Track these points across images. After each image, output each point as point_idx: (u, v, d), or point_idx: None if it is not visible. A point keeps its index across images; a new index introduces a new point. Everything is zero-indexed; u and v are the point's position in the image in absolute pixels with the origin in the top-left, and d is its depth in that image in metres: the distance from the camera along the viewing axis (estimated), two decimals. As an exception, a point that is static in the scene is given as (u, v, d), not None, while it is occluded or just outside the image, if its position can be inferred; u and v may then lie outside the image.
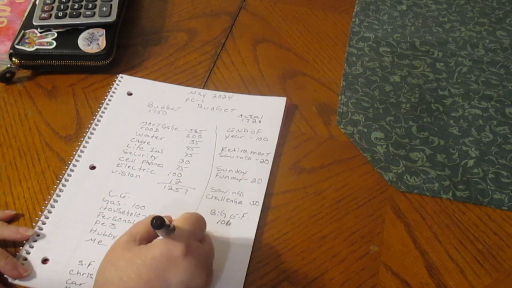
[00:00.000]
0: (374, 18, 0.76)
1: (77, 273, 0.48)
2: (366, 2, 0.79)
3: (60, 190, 0.54)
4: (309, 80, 0.67)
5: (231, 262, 0.49)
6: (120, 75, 0.66)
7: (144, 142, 0.59)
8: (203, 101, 0.64)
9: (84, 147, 0.58)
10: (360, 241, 0.51)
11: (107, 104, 0.63)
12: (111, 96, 0.64)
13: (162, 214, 0.45)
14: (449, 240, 0.51)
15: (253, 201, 0.54)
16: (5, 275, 0.47)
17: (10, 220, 0.52)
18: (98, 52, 0.64)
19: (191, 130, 0.60)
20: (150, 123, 0.61)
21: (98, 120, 0.61)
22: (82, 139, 0.59)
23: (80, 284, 0.47)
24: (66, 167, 0.56)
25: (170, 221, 0.44)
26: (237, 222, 0.52)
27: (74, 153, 0.57)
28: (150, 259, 0.39)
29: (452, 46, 0.71)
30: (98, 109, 0.62)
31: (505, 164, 0.58)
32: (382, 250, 0.51)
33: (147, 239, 0.42)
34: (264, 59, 0.70)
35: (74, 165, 0.56)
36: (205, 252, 0.43)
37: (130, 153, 0.58)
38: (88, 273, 0.47)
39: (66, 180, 0.55)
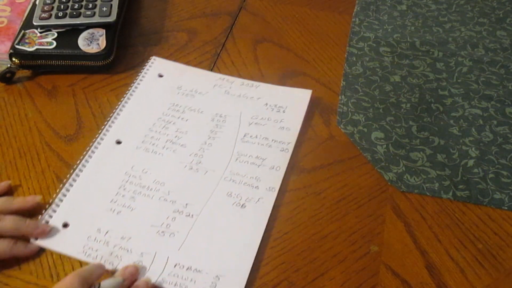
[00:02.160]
0: (374, 18, 0.76)
1: (94, 240, 0.50)
2: (366, 2, 0.79)
3: (86, 161, 0.56)
4: (309, 80, 0.67)
5: (243, 244, 0.50)
6: (153, 57, 0.68)
7: (170, 122, 0.61)
8: (230, 87, 0.65)
9: (112, 122, 0.60)
10: (360, 241, 0.51)
11: (138, 83, 0.65)
12: (143, 76, 0.66)
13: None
14: (449, 240, 0.51)
15: (269, 187, 0.55)
16: (29, 236, 0.49)
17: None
18: (98, 52, 0.64)
19: (216, 114, 0.62)
20: (177, 104, 0.63)
21: (128, 98, 0.63)
22: (111, 115, 0.61)
23: (96, 250, 0.49)
24: (94, 140, 0.58)
25: (101, 274, 0.46)
26: (252, 206, 0.53)
27: (103, 127, 0.60)
28: None
29: (452, 46, 0.71)
30: (130, 87, 0.64)
31: (505, 164, 0.58)
32: (382, 250, 0.51)
33: None
34: (264, 59, 0.70)
35: (102, 139, 0.59)
36: None
37: (155, 131, 0.60)
38: (105, 241, 0.50)
39: (93, 152, 0.57)
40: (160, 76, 0.66)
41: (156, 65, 0.67)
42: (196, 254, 0.49)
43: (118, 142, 0.59)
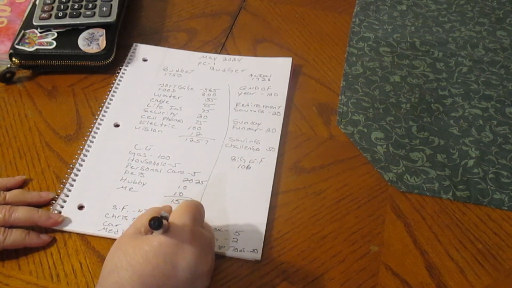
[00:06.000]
0: (374, 18, 0.76)
1: (112, 216, 0.52)
2: (366, 2, 0.79)
3: (89, 146, 0.58)
4: (309, 80, 0.67)
5: (255, 201, 0.54)
6: (135, 43, 0.70)
7: (163, 102, 0.63)
8: (214, 64, 0.68)
9: (107, 107, 0.62)
10: (360, 241, 0.51)
11: (125, 69, 0.67)
12: (128, 62, 0.68)
13: (163, 204, 0.47)
14: (449, 240, 0.52)
15: (269, 147, 0.58)
16: (42, 226, 0.50)
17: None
18: (98, 52, 0.64)
19: (205, 89, 0.65)
20: (166, 84, 0.65)
21: (118, 84, 0.65)
22: (104, 100, 0.63)
23: (117, 225, 0.51)
24: (92, 125, 0.60)
25: (170, 211, 0.45)
26: (256, 166, 0.57)
27: (99, 113, 0.61)
28: (158, 245, 0.40)
29: (452, 46, 0.71)
30: (117, 74, 0.66)
31: (505, 164, 0.58)
32: (382, 250, 0.51)
33: (152, 231, 0.43)
34: (264, 59, 0.70)
35: (100, 124, 0.60)
36: (208, 238, 0.45)
37: (150, 111, 0.62)
38: (123, 216, 0.52)
39: (93, 136, 0.59)
40: (145, 60, 0.69)
41: (139, 50, 0.70)
42: (212, 215, 0.50)
43: (116, 125, 0.61)
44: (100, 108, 0.62)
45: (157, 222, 0.39)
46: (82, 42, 0.65)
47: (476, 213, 0.54)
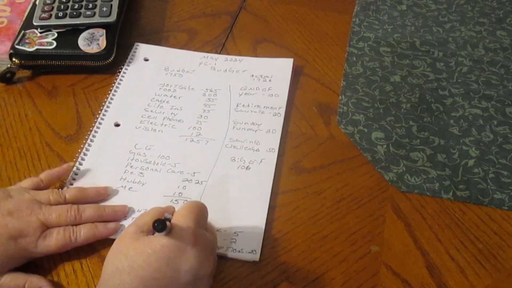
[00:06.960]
0: (374, 18, 0.76)
1: None
2: (366, 2, 0.79)
3: (89, 145, 0.58)
4: (309, 80, 0.67)
5: (254, 202, 0.54)
6: (136, 43, 0.70)
7: (163, 101, 0.63)
8: (215, 64, 0.68)
9: (107, 107, 0.62)
10: (361, 241, 0.51)
11: (126, 69, 0.67)
12: (129, 62, 0.68)
13: (162, 205, 0.47)
14: (449, 240, 0.52)
15: (269, 148, 0.58)
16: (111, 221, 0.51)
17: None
18: (98, 52, 0.64)
19: (206, 89, 0.65)
20: (167, 84, 0.65)
21: (119, 83, 0.65)
22: (105, 99, 0.63)
23: None
24: (93, 124, 0.60)
25: (173, 212, 0.45)
26: (256, 167, 0.57)
27: (99, 112, 0.61)
28: (160, 248, 0.40)
29: (452, 46, 0.71)
30: (118, 74, 0.66)
31: (506, 164, 0.58)
32: (382, 250, 0.51)
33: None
34: (264, 59, 0.70)
35: (100, 123, 0.60)
36: (210, 240, 0.45)
37: (151, 111, 0.62)
38: None
39: (94, 136, 0.59)
40: (146, 60, 0.69)
41: (140, 50, 0.70)
42: (211, 216, 0.50)
43: (117, 125, 0.61)
44: (101, 107, 0.62)
45: (161, 225, 0.39)
46: (82, 42, 0.64)
47: (476, 213, 0.54)
